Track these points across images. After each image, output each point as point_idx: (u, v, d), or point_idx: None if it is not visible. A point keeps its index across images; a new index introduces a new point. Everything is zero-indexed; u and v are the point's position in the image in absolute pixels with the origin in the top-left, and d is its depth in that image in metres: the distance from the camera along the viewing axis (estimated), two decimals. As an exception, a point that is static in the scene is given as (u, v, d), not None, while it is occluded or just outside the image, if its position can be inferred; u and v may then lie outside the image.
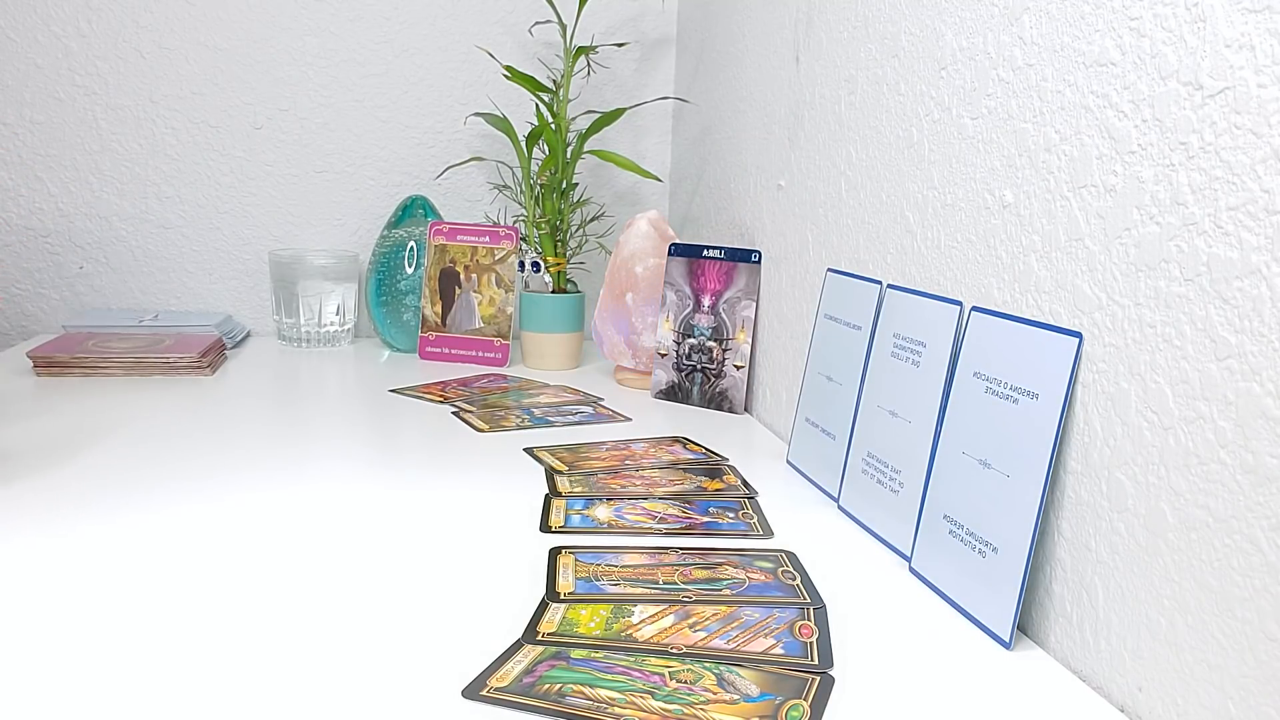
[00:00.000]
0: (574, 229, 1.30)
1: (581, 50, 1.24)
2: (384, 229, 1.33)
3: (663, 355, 1.11)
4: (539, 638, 0.53)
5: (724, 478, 0.82)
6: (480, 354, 1.26)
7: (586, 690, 0.48)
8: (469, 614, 0.56)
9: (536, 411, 1.03)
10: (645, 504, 0.75)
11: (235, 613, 0.55)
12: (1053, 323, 0.56)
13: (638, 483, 0.80)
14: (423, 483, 0.79)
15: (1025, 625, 0.58)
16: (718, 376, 1.07)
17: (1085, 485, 0.53)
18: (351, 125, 1.38)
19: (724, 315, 1.07)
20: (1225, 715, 0.43)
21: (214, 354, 1.17)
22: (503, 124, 1.25)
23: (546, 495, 0.77)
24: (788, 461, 0.88)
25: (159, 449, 0.85)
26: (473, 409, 1.03)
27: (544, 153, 1.30)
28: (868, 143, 0.80)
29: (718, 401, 1.06)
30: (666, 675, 0.49)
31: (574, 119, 1.38)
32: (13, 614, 0.54)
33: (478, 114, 1.29)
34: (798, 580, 0.62)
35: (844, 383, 0.79)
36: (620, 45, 1.34)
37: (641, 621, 0.55)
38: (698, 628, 0.55)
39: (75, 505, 0.71)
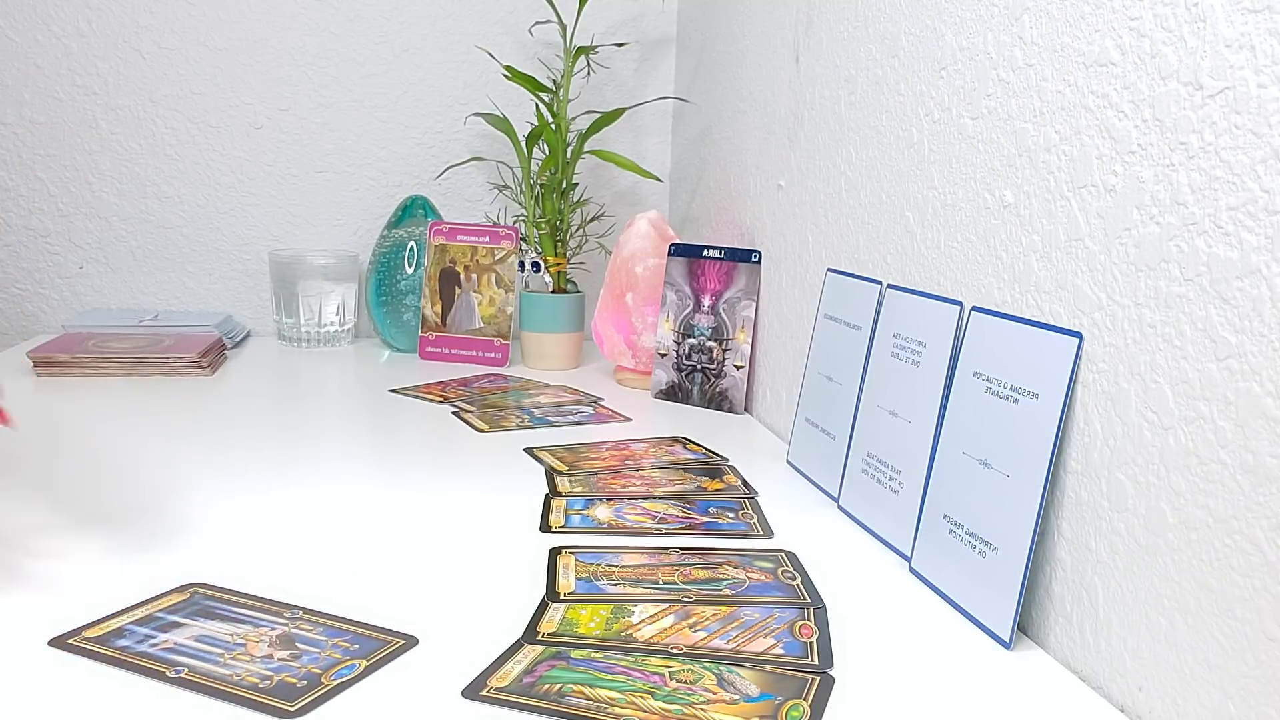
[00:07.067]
0: (574, 229, 1.30)
1: (581, 50, 1.24)
2: (384, 229, 1.33)
3: (663, 355, 1.11)
4: (539, 638, 0.53)
5: (724, 478, 0.82)
6: (480, 354, 1.26)
7: (586, 690, 0.48)
8: (469, 614, 0.56)
9: (536, 411, 1.03)
10: (645, 504, 0.75)
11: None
12: (1053, 323, 0.56)
13: (638, 483, 0.80)
14: (423, 483, 0.79)
15: (1025, 625, 0.58)
16: (718, 376, 1.07)
17: (1085, 485, 0.53)
18: (351, 125, 1.38)
19: (724, 315, 1.07)
20: (1225, 715, 0.43)
21: (214, 354, 1.17)
22: (503, 124, 1.25)
23: (546, 495, 0.77)
24: (788, 461, 0.88)
25: (159, 449, 0.85)
26: (473, 409, 1.03)
27: (544, 153, 1.30)
28: (868, 143, 0.80)
29: (718, 401, 1.06)
30: (666, 675, 0.49)
31: (574, 119, 1.38)
32: (12, 614, 0.54)
33: (478, 114, 1.29)
34: (798, 580, 0.62)
35: (844, 383, 0.79)
36: (620, 45, 1.34)
37: (641, 621, 0.55)
38: (698, 628, 0.55)
39: (74, 506, 0.71)
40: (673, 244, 1.12)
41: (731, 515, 0.74)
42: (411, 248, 1.31)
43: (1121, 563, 0.50)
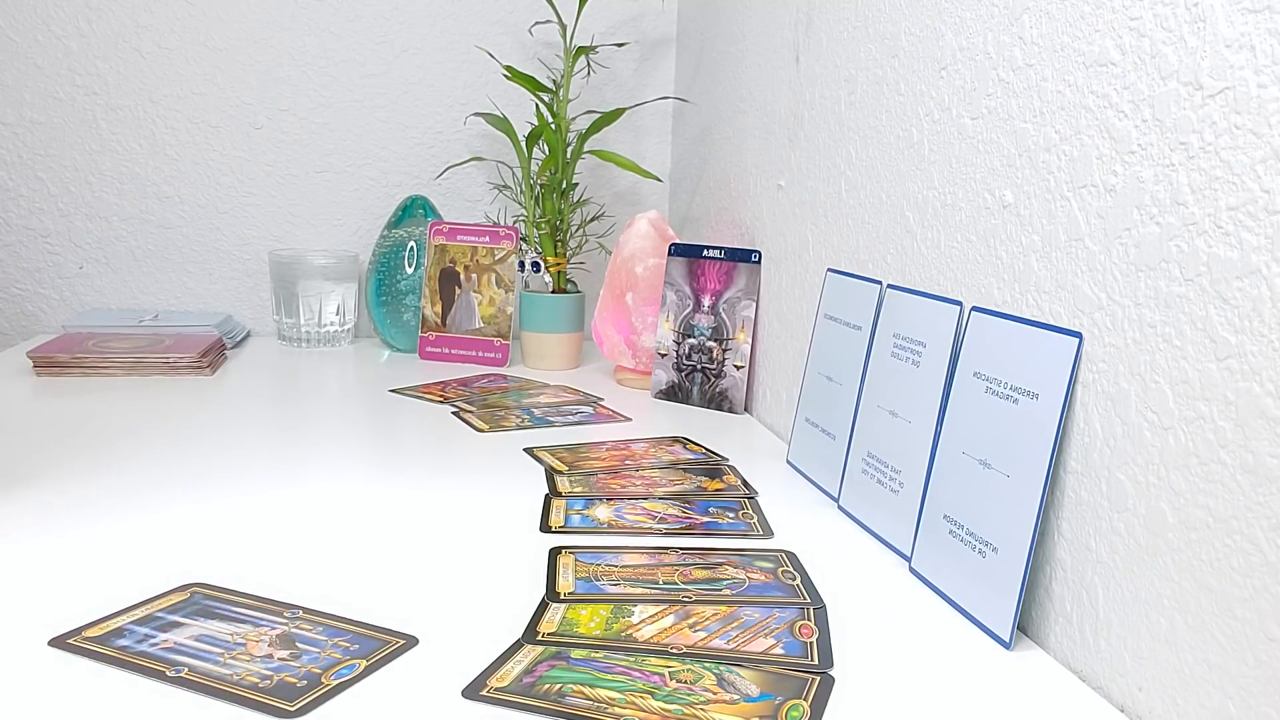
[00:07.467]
0: (574, 229, 1.30)
1: (581, 50, 1.24)
2: (384, 229, 1.33)
3: (663, 355, 1.11)
4: (539, 638, 0.53)
5: (724, 478, 0.82)
6: (480, 354, 1.26)
7: (586, 690, 0.48)
8: (469, 614, 0.56)
9: (536, 411, 1.03)
10: (645, 504, 0.75)
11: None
12: (1053, 323, 0.56)
13: (638, 483, 0.80)
14: (423, 483, 0.79)
15: (1025, 625, 0.58)
16: (718, 376, 1.07)
17: (1085, 485, 0.53)
18: (351, 125, 1.38)
19: (724, 315, 1.07)
20: (1225, 715, 0.43)
21: (214, 354, 1.17)
22: (503, 124, 1.25)
23: (546, 495, 0.77)
24: (788, 461, 0.88)
25: (159, 449, 0.85)
26: (473, 409, 1.03)
27: (544, 153, 1.30)
28: (868, 143, 0.80)
29: (718, 401, 1.06)
30: (666, 675, 0.49)
31: (574, 119, 1.38)
32: (12, 616, 0.54)
33: (478, 114, 1.29)
34: (798, 580, 0.62)
35: (844, 383, 0.79)
36: (620, 45, 1.34)
37: (641, 621, 0.55)
38: (698, 628, 0.55)
39: (75, 506, 0.71)
40: (673, 244, 1.12)
41: (731, 515, 0.74)
42: (411, 248, 1.31)
43: (1121, 563, 0.50)
